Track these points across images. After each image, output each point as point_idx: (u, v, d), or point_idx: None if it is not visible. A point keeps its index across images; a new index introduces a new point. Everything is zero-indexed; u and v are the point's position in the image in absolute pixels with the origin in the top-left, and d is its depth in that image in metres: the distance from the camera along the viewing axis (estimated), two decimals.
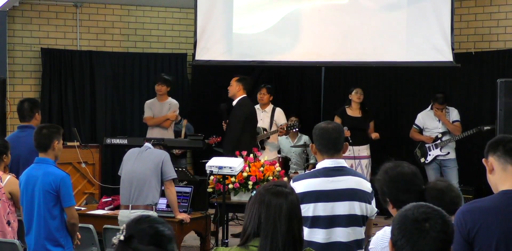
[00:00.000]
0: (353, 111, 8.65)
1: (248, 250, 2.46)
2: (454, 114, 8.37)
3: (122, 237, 2.06)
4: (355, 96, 8.63)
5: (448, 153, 8.30)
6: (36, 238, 4.78)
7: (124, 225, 2.10)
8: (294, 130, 8.49)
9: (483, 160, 3.01)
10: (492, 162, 2.98)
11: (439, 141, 8.33)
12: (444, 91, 8.61)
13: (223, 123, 8.13)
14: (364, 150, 8.48)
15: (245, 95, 7.69)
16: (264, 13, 8.98)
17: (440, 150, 8.31)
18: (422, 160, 8.40)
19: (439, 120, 8.36)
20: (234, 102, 7.70)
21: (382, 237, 3.13)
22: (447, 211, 2.26)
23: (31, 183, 4.81)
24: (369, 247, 3.20)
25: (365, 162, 8.50)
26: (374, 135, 8.55)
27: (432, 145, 8.38)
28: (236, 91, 7.66)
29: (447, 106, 8.40)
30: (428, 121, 8.44)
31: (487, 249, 2.83)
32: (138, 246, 2.03)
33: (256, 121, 7.93)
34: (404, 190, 3.09)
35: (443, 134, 8.34)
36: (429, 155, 8.36)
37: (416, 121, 8.52)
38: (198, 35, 8.93)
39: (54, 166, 4.87)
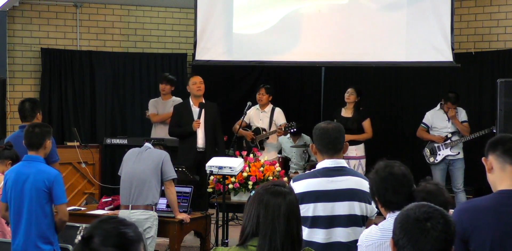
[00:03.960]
0: (346, 111, 8.55)
1: (247, 250, 2.46)
2: (462, 115, 8.28)
3: (79, 237, 2.01)
4: (345, 96, 8.55)
5: (458, 153, 8.21)
6: (26, 236, 4.75)
7: (84, 225, 2.06)
8: (291, 130, 8.19)
9: (483, 158, 3.02)
10: (491, 161, 2.98)
11: (449, 141, 8.24)
12: (455, 91, 8.46)
13: (196, 123, 7.58)
14: (352, 151, 8.20)
15: None
16: (264, 13, 8.98)
17: (450, 149, 8.21)
18: (432, 159, 8.28)
19: (449, 120, 8.25)
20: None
21: (368, 234, 3.17)
22: None
23: (21, 180, 4.80)
24: (358, 243, 3.24)
25: (354, 163, 8.28)
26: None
27: (441, 145, 8.26)
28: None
29: (456, 107, 8.32)
30: (437, 120, 8.33)
31: (482, 248, 2.83)
32: (97, 247, 1.97)
33: None
34: (393, 191, 3.12)
35: (453, 133, 8.25)
36: (439, 154, 8.23)
37: (424, 120, 8.40)
38: (198, 35, 8.93)
39: (45, 164, 4.89)
